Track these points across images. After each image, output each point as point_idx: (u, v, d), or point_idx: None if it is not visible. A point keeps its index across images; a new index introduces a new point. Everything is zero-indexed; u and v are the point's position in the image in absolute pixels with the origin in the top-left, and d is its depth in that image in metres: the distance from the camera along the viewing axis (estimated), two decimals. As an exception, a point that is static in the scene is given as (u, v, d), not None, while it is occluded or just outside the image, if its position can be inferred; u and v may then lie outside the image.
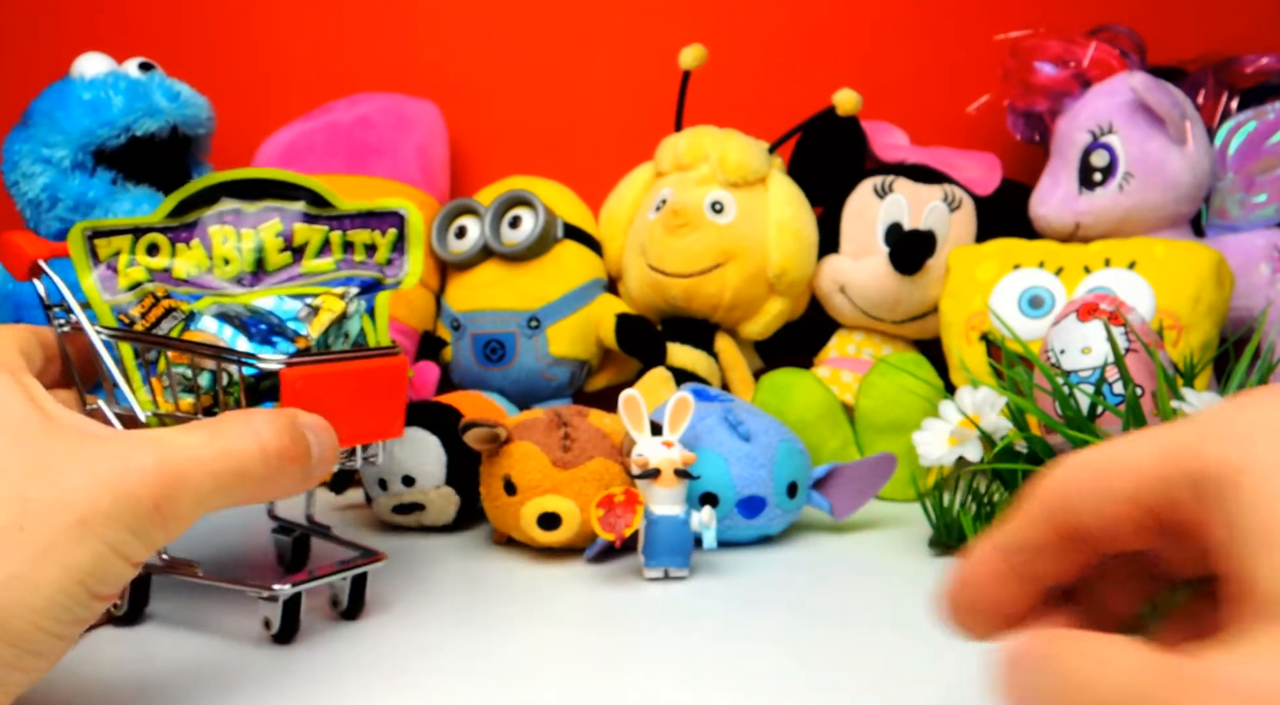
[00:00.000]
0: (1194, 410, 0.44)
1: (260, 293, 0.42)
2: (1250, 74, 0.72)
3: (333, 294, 0.42)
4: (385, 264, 0.43)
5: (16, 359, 0.34)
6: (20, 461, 0.29)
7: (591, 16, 0.86)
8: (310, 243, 0.42)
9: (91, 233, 0.39)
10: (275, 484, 0.33)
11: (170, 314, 0.39)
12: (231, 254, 0.41)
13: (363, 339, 0.43)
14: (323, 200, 0.42)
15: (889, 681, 0.38)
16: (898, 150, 0.79)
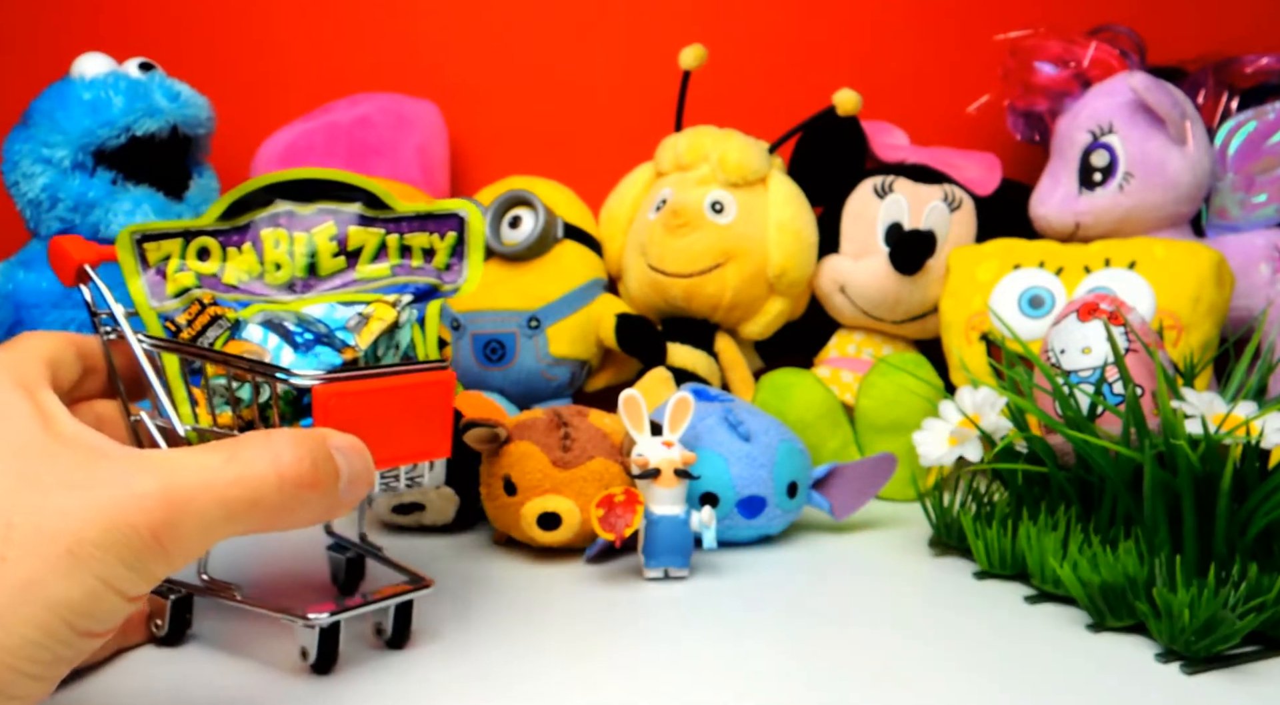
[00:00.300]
0: (1194, 410, 0.44)
1: (311, 299, 0.40)
2: (1250, 74, 0.72)
3: (384, 302, 0.39)
4: (443, 269, 0.41)
5: (36, 372, 0.32)
6: (10, 483, 0.27)
7: (591, 16, 0.86)
8: (366, 246, 0.40)
9: (141, 236, 0.37)
10: (293, 513, 0.30)
11: (216, 322, 0.37)
12: (283, 258, 0.39)
13: (413, 351, 0.41)
14: (379, 201, 0.40)
15: (889, 681, 0.38)
16: (898, 150, 0.79)
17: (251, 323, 0.38)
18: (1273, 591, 0.41)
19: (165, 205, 0.66)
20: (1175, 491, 0.45)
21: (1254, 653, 0.41)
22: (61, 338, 0.35)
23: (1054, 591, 0.47)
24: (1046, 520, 0.50)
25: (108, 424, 0.37)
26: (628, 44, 0.86)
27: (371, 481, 0.33)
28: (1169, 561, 0.44)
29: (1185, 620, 0.40)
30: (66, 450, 0.28)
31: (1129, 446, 0.46)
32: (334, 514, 0.32)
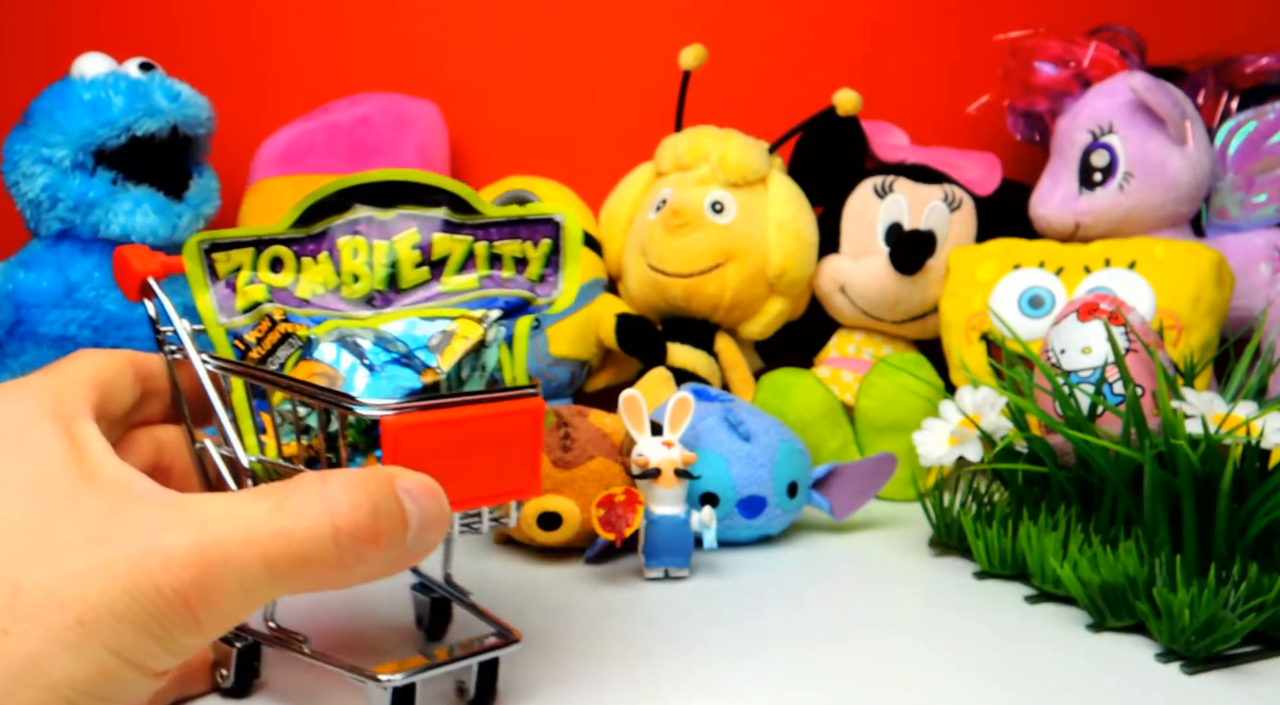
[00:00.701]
0: (1194, 410, 0.44)
1: (390, 315, 0.36)
2: (1250, 74, 0.72)
3: (470, 318, 0.36)
4: (536, 281, 0.37)
5: (78, 401, 0.28)
6: (22, 538, 0.23)
7: (591, 16, 0.86)
8: (451, 256, 0.36)
9: (209, 245, 0.34)
10: (350, 570, 0.26)
11: (287, 340, 0.34)
12: (361, 270, 0.35)
13: (500, 373, 0.36)
14: (466, 205, 0.36)
15: (889, 681, 0.38)
16: (898, 150, 0.79)
17: (325, 341, 0.35)
18: (1273, 591, 0.41)
19: (165, 205, 0.66)
20: (1175, 491, 0.45)
21: (1254, 653, 0.41)
22: (118, 358, 0.32)
23: (1054, 591, 0.47)
24: (1046, 520, 0.50)
25: (169, 451, 0.34)
26: (628, 44, 0.86)
27: (447, 527, 0.29)
28: (1169, 561, 0.44)
29: (1185, 620, 0.40)
30: (95, 496, 0.25)
31: (1129, 446, 0.46)
32: (401, 567, 0.28)
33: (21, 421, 0.26)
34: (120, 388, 0.31)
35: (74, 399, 0.28)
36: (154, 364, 0.33)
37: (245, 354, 0.34)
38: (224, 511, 0.25)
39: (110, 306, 0.65)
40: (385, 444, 0.30)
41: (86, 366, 0.30)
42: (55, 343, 0.64)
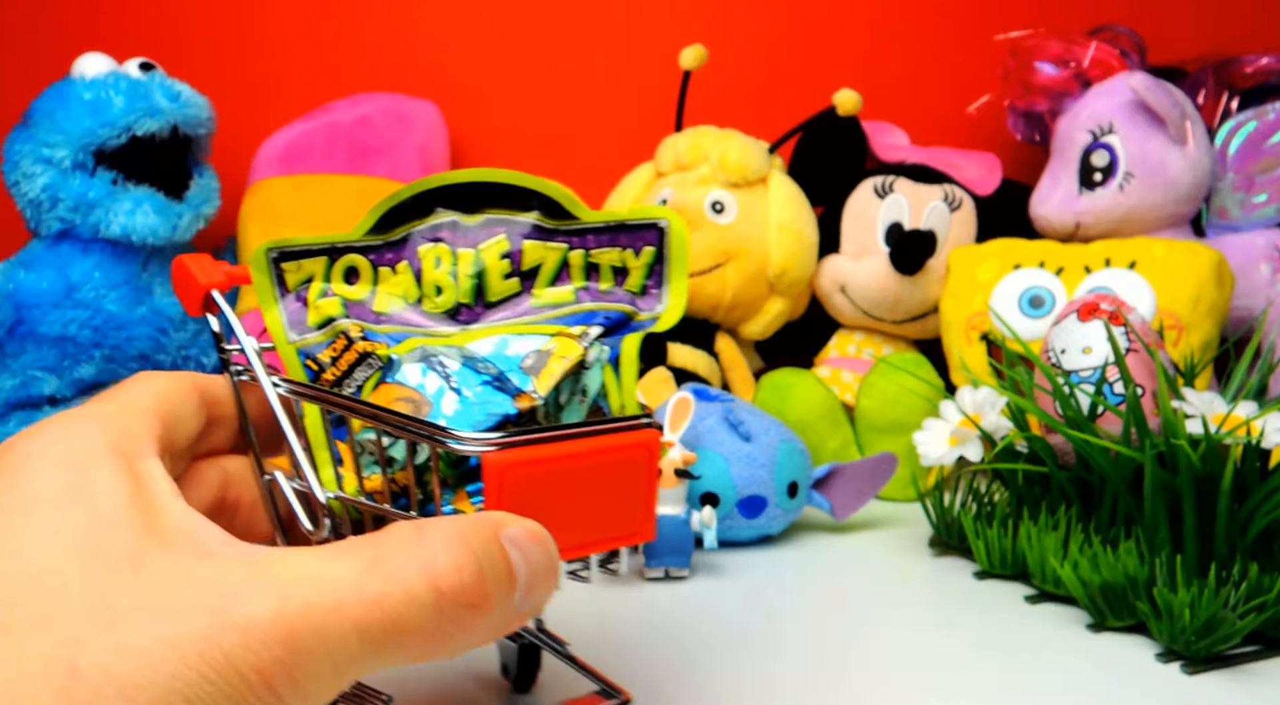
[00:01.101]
0: (1194, 410, 0.44)
1: (478, 332, 0.32)
2: (1250, 74, 0.73)
3: (568, 335, 0.32)
4: (638, 293, 0.33)
5: (142, 433, 0.25)
6: (80, 606, 0.19)
7: (591, 16, 0.86)
8: (544, 265, 0.32)
9: (279, 254, 0.30)
10: (453, 639, 0.22)
11: (365, 360, 0.30)
12: (445, 280, 0.32)
13: (603, 399, 0.32)
14: (561, 209, 0.32)
15: (890, 681, 0.38)
16: (898, 150, 0.79)
17: (407, 362, 0.31)
18: (1273, 591, 0.41)
19: (165, 205, 0.66)
20: (1176, 491, 0.45)
21: (1254, 653, 0.41)
22: (181, 381, 0.28)
23: (1054, 591, 0.47)
24: (1047, 520, 0.50)
25: (236, 485, 0.30)
26: (628, 44, 0.86)
27: (556, 583, 0.25)
28: (1169, 561, 0.44)
29: (1186, 620, 0.40)
30: (161, 554, 0.21)
31: (1129, 446, 0.46)
32: (505, 632, 0.24)
33: (79, 460, 0.23)
34: (184, 415, 0.28)
35: (137, 431, 0.25)
36: (218, 387, 0.30)
37: (318, 376, 0.30)
38: (308, 573, 0.21)
39: (110, 306, 0.65)
40: (488, 485, 0.27)
41: (148, 392, 0.27)
42: (55, 343, 0.64)
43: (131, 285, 0.66)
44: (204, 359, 0.72)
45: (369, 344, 0.31)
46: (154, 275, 0.68)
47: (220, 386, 0.30)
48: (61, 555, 0.20)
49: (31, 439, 0.23)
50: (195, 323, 0.71)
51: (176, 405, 0.27)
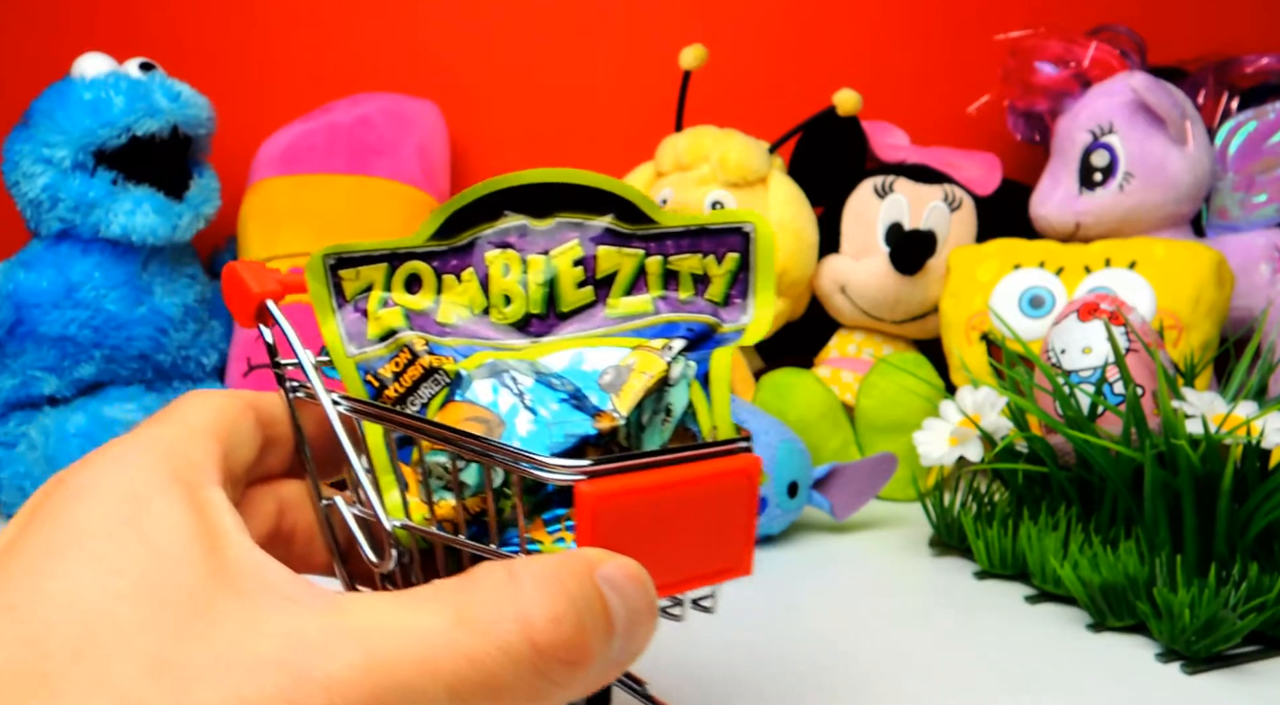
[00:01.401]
0: (1194, 410, 0.44)
1: (551, 345, 0.30)
2: (1250, 74, 0.73)
3: (649, 349, 0.29)
4: (720, 303, 0.31)
5: (203, 460, 0.23)
6: (144, 659, 0.17)
7: (591, 16, 0.86)
8: (619, 273, 0.30)
9: (336, 260, 0.28)
10: (550, 698, 0.20)
11: (431, 376, 0.28)
12: (514, 289, 0.29)
13: (690, 419, 0.30)
14: (638, 212, 0.30)
15: (889, 681, 0.38)
16: (898, 150, 0.79)
17: (477, 377, 0.29)
18: (1273, 591, 0.41)
19: (165, 205, 0.66)
20: (1176, 491, 0.45)
21: (1254, 653, 0.41)
22: (237, 401, 0.26)
23: (1054, 591, 0.47)
24: (1047, 520, 0.50)
25: (292, 512, 0.28)
26: (628, 44, 0.86)
27: (655, 626, 0.23)
28: (1169, 561, 0.44)
29: (1186, 620, 0.40)
30: (230, 598, 0.19)
31: (1129, 446, 0.46)
32: (604, 683, 0.22)
33: (137, 491, 0.21)
34: (242, 438, 0.26)
35: (198, 458, 0.23)
36: (274, 406, 0.28)
37: (380, 393, 0.28)
38: (393, 623, 0.19)
39: (110, 306, 0.65)
40: (580, 519, 0.24)
41: (205, 413, 0.25)
42: (55, 343, 0.64)
43: (131, 285, 0.66)
44: (204, 359, 0.72)
45: (435, 358, 0.28)
46: (154, 275, 0.68)
47: (275, 405, 0.28)
48: (119, 600, 0.18)
49: (85, 469, 0.21)
50: (195, 322, 0.71)
51: (234, 426, 0.25)
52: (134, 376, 0.68)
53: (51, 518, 0.20)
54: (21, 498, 0.63)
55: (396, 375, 0.28)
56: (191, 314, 0.71)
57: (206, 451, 0.23)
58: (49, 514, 0.20)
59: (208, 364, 0.72)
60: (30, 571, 0.19)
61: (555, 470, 0.24)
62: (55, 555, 0.19)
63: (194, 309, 0.71)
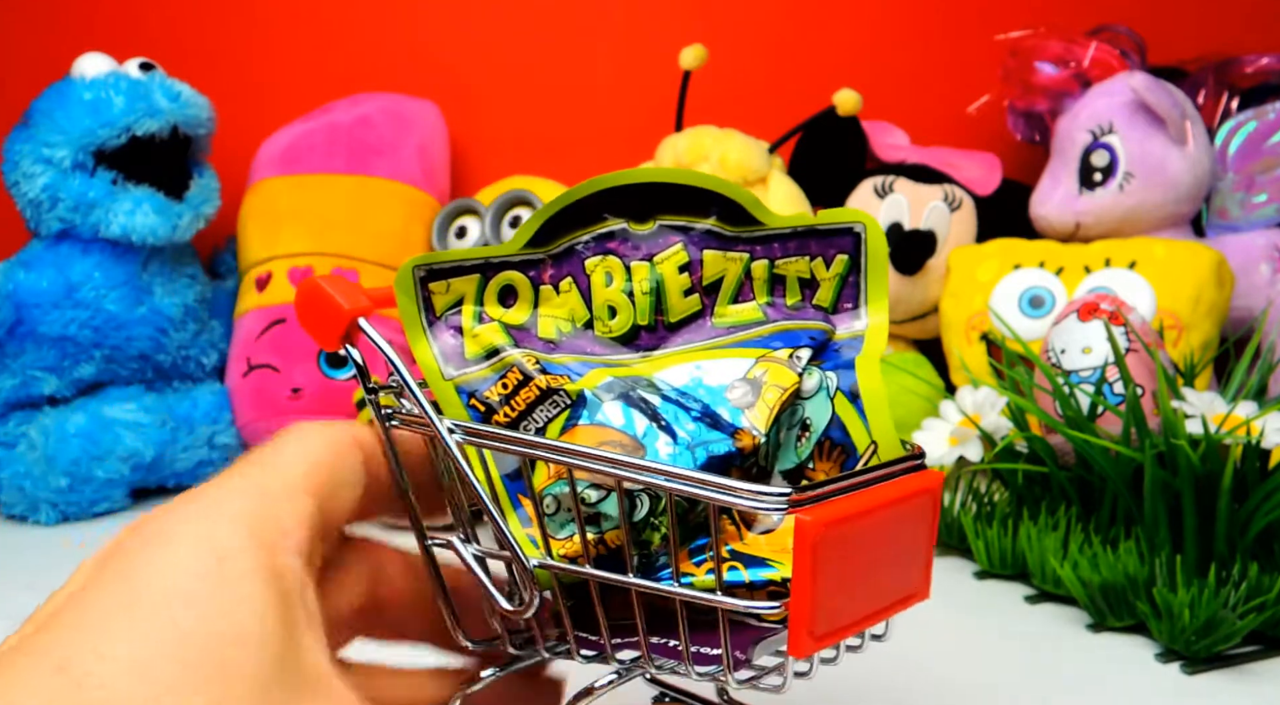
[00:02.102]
0: (1194, 410, 0.44)
1: (662, 359, 0.27)
2: (1250, 74, 0.73)
3: (775, 360, 0.27)
4: (830, 309, 0.28)
5: (289, 519, 0.21)
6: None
7: (591, 16, 0.86)
8: (726, 278, 0.28)
9: (425, 273, 0.26)
10: None
11: (549, 398, 0.26)
12: (619, 300, 0.27)
13: (840, 432, 0.28)
14: (742, 213, 0.27)
15: (889, 681, 0.38)
16: (898, 150, 0.79)
17: (606, 398, 0.26)
18: (1273, 591, 0.41)
19: (165, 205, 0.66)
20: (1175, 491, 0.45)
21: (1254, 652, 0.41)
22: (341, 437, 0.24)
23: (1054, 591, 0.47)
24: (1047, 520, 0.50)
25: (385, 580, 0.26)
26: (628, 44, 0.86)
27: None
28: (1169, 561, 0.44)
29: (1185, 620, 0.40)
30: (295, 701, 0.18)
31: (1129, 446, 0.46)
32: None
33: (219, 548, 0.19)
34: (345, 481, 0.23)
35: (287, 520, 0.21)
36: (366, 440, 0.25)
37: (487, 418, 0.26)
38: None
39: (110, 306, 0.65)
40: (798, 552, 0.22)
41: (306, 459, 0.23)
42: (55, 343, 0.64)
43: (131, 285, 0.66)
44: (204, 359, 0.72)
45: (551, 378, 0.26)
46: (154, 275, 0.68)
47: (367, 438, 0.25)
48: (188, 670, 0.17)
49: (171, 515, 0.20)
50: (195, 322, 0.71)
51: (336, 473, 0.23)
52: (134, 376, 0.68)
53: (125, 569, 0.19)
54: (21, 498, 0.63)
55: (506, 398, 0.26)
56: (191, 314, 0.71)
57: (297, 513, 0.21)
58: (122, 564, 0.19)
59: (208, 364, 0.72)
60: (97, 629, 0.17)
61: (760, 499, 0.22)
62: (125, 613, 0.18)
63: (194, 309, 0.71)
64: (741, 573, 0.25)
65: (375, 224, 0.76)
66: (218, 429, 0.70)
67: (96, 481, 0.63)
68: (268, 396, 0.70)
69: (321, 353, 0.71)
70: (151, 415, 0.66)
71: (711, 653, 0.25)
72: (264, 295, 0.73)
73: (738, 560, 0.25)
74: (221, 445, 0.70)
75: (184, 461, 0.68)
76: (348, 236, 0.75)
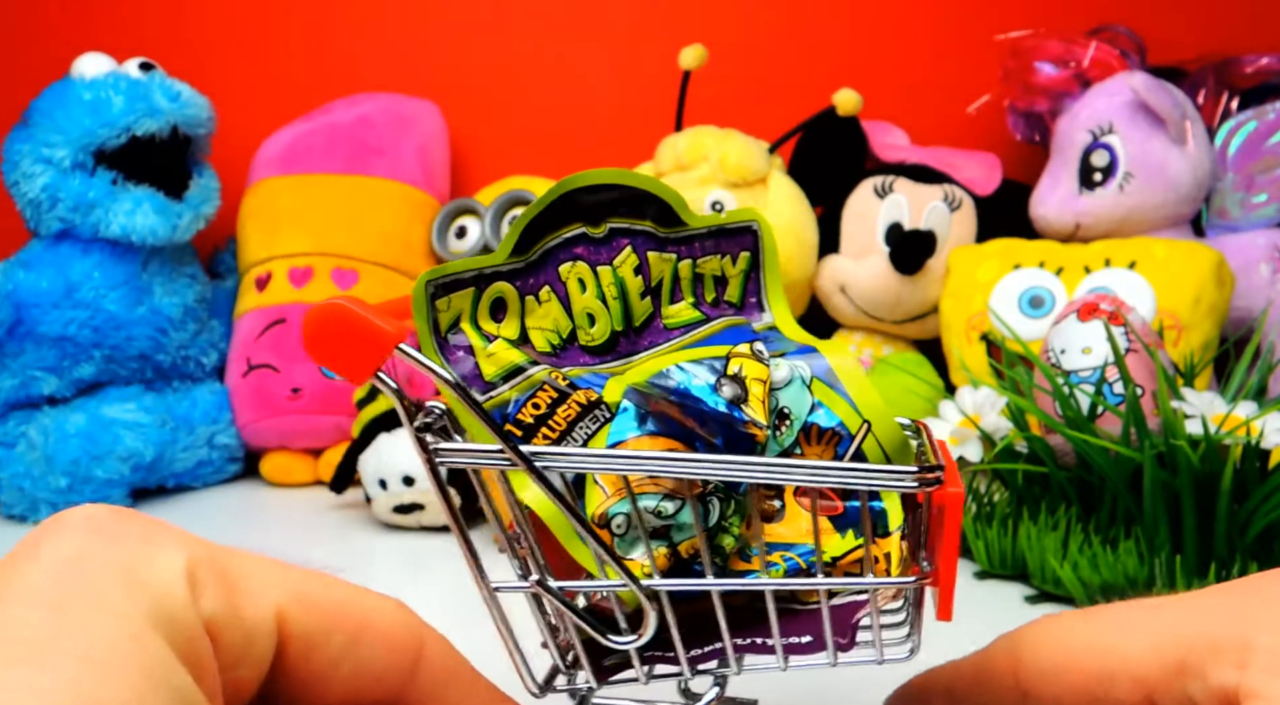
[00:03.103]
0: (1194, 410, 0.44)
1: (647, 363, 0.27)
2: (1250, 74, 0.72)
3: (743, 355, 0.27)
4: (739, 305, 0.29)
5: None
6: None
7: (591, 17, 0.86)
8: (664, 279, 0.28)
9: (435, 288, 0.24)
10: None
11: (591, 412, 0.25)
12: (595, 306, 0.27)
13: (827, 417, 0.28)
14: (672, 214, 0.28)
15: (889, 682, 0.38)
16: (898, 150, 0.79)
17: (636, 406, 0.26)
18: (1273, 591, 0.41)
19: (165, 205, 0.66)
20: (1175, 491, 0.45)
21: (1254, 653, 0.41)
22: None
23: (1054, 591, 0.47)
24: (1046, 520, 0.50)
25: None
26: (628, 44, 0.86)
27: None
28: (1169, 561, 0.44)
29: (1185, 620, 0.40)
30: None
31: (1129, 446, 0.46)
32: None
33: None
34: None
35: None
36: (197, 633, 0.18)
37: (524, 442, 0.25)
38: None
39: (110, 306, 0.65)
40: (949, 524, 0.23)
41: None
42: (55, 343, 0.64)
43: (131, 285, 0.66)
44: (203, 359, 0.72)
45: (589, 393, 0.25)
46: (154, 275, 0.68)
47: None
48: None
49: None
50: (194, 322, 0.71)
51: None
52: (133, 376, 0.68)
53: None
54: (21, 498, 0.63)
55: (542, 418, 0.25)
56: (191, 314, 0.71)
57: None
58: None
59: (207, 364, 0.72)
60: None
61: (903, 479, 0.23)
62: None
63: (194, 309, 0.71)
64: (794, 559, 0.26)
65: (375, 224, 0.76)
66: (217, 429, 0.70)
67: (96, 481, 0.63)
68: (267, 396, 0.70)
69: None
70: (151, 415, 0.66)
71: (803, 641, 0.26)
72: (264, 295, 0.73)
73: (775, 551, 0.26)
74: (221, 445, 0.70)
75: (184, 461, 0.68)
76: (348, 237, 0.75)
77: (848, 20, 0.86)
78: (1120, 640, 0.22)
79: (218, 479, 0.71)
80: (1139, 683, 0.21)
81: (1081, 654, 0.22)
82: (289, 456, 0.71)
